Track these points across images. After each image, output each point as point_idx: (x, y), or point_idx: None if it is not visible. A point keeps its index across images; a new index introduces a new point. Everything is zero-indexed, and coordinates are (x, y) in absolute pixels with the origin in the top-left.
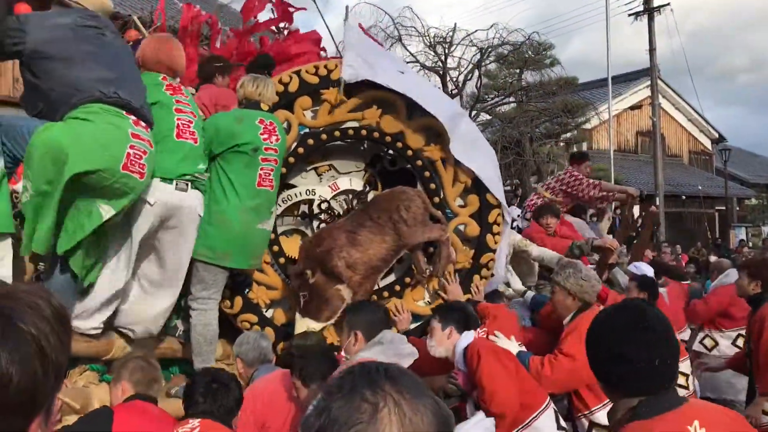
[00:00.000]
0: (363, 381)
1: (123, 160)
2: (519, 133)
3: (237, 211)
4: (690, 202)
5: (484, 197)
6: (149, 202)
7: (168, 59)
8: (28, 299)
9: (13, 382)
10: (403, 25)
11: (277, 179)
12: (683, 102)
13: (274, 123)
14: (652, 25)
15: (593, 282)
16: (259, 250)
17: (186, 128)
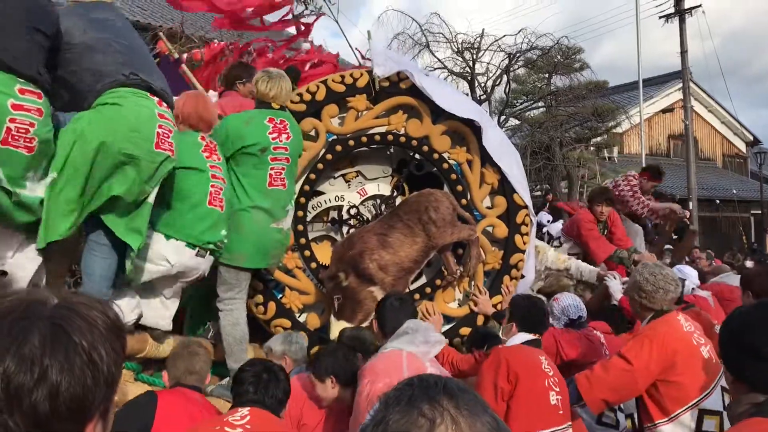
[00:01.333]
0: (421, 394)
1: (155, 139)
2: (548, 137)
3: (249, 212)
4: (724, 206)
5: (511, 198)
6: (170, 262)
7: (208, 115)
8: (82, 310)
9: (61, 391)
10: (431, 31)
11: (291, 178)
12: (716, 104)
13: (286, 120)
14: (684, 27)
15: (668, 289)
16: (275, 249)
17: (217, 195)
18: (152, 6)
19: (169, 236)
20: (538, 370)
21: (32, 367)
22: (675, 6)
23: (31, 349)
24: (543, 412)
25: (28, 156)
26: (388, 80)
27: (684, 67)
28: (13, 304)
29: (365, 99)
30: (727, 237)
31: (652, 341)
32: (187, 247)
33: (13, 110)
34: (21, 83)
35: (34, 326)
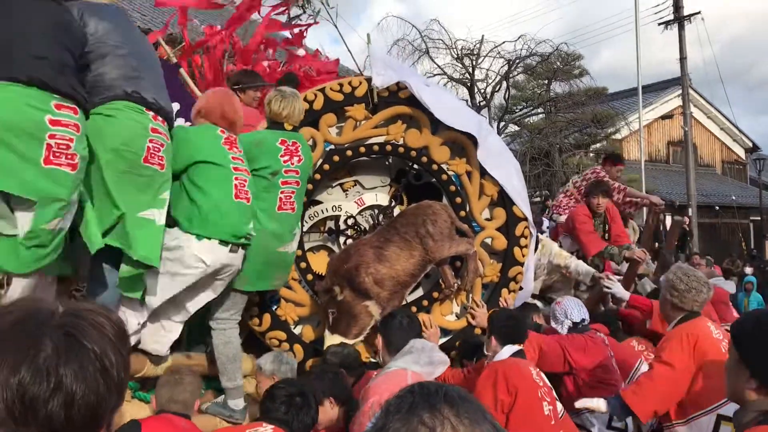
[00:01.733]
0: (422, 402)
1: (143, 153)
2: (548, 144)
3: (257, 237)
4: (724, 213)
5: (511, 210)
6: (206, 263)
7: (233, 114)
8: (91, 318)
9: (77, 399)
10: (431, 37)
11: (300, 201)
12: (715, 111)
13: (298, 143)
14: (683, 33)
15: (700, 290)
16: (279, 272)
17: (242, 188)
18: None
19: (201, 236)
20: (531, 381)
21: (48, 376)
22: (674, 13)
23: (46, 359)
24: (539, 423)
25: (72, 174)
26: (387, 90)
27: (683, 73)
28: (21, 314)
29: (364, 108)
30: (727, 243)
31: (687, 340)
32: (221, 245)
33: (51, 126)
34: (56, 99)
35: (46, 335)
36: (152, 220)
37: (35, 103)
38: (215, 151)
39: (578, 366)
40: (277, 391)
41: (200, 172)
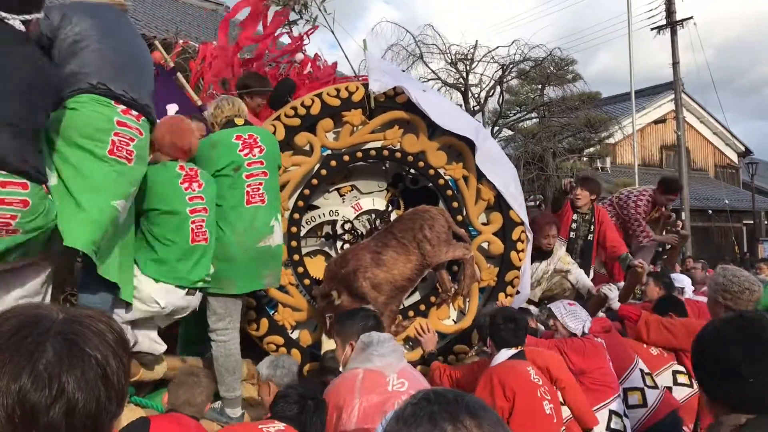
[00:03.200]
0: (443, 412)
1: (108, 146)
2: (542, 148)
3: (231, 236)
4: (716, 217)
5: (508, 215)
6: (161, 305)
7: (182, 141)
8: (92, 324)
9: (79, 407)
10: (425, 42)
11: (273, 192)
12: (708, 115)
13: (254, 134)
14: (675, 38)
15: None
16: (267, 267)
17: (199, 230)
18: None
19: (158, 279)
20: (529, 382)
21: (49, 384)
22: (666, 18)
23: (47, 366)
24: (540, 423)
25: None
26: (384, 95)
27: (676, 78)
28: (21, 320)
29: (360, 113)
30: (720, 247)
31: None
32: (177, 288)
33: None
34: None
35: (47, 342)
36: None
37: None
38: (173, 196)
39: (577, 369)
40: (290, 391)
41: (157, 221)
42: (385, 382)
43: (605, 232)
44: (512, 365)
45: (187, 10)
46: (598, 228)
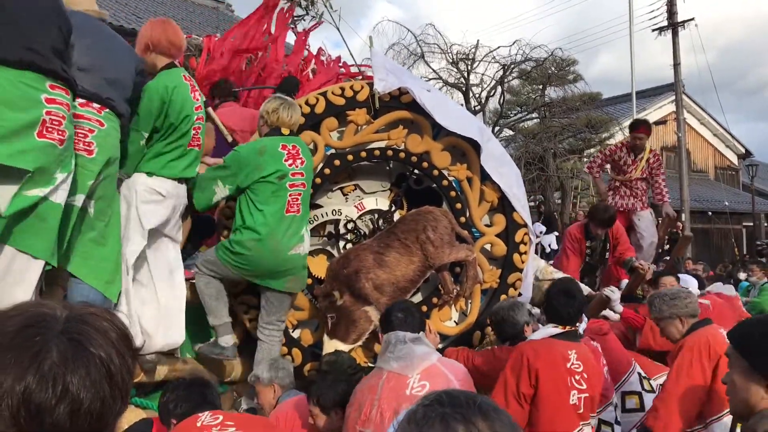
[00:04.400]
0: (454, 413)
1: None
2: (542, 148)
3: (266, 240)
4: (716, 218)
5: (511, 217)
6: (161, 193)
7: (178, 40)
8: (95, 322)
9: (83, 406)
10: (426, 42)
11: (306, 203)
12: (709, 117)
13: (297, 146)
14: (677, 40)
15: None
16: (292, 273)
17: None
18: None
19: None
20: (560, 368)
21: (54, 384)
22: (668, 19)
23: (51, 366)
24: (562, 412)
25: (60, 149)
26: (389, 94)
27: (677, 79)
28: (25, 319)
29: (365, 113)
30: (719, 249)
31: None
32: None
33: (47, 104)
34: (51, 80)
35: (51, 341)
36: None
37: (31, 83)
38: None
39: None
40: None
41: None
42: (405, 384)
43: (617, 247)
44: (549, 345)
45: (188, 8)
46: (613, 244)
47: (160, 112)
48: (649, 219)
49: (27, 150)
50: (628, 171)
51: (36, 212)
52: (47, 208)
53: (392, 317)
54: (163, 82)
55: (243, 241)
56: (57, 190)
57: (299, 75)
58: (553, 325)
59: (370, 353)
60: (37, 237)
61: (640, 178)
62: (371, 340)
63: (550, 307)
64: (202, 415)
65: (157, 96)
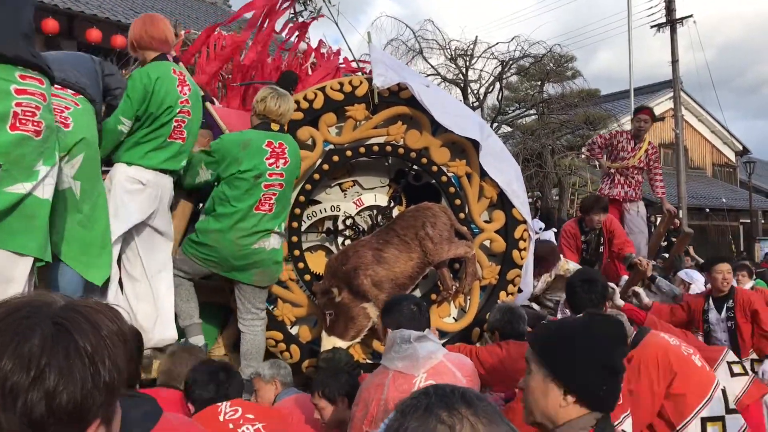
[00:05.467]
0: (439, 402)
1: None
2: (540, 145)
3: (228, 232)
4: (714, 215)
5: (510, 213)
6: (141, 182)
7: (158, 33)
8: (90, 314)
9: (58, 393)
10: (425, 38)
11: (282, 203)
12: (706, 114)
13: (285, 144)
14: (675, 36)
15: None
16: (258, 267)
17: (179, 129)
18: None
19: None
20: None
21: (29, 366)
22: (666, 16)
23: (30, 349)
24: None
25: (37, 140)
26: (388, 90)
27: (675, 76)
28: (19, 302)
29: (364, 108)
30: (717, 245)
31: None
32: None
33: (17, 95)
34: (20, 70)
35: (37, 326)
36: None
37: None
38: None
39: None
40: (197, 375)
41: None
42: (412, 384)
43: (612, 240)
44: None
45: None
46: (607, 237)
47: (143, 100)
48: (641, 212)
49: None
50: (625, 158)
51: (22, 209)
52: (34, 205)
53: (404, 310)
54: (147, 72)
55: (206, 230)
56: (42, 185)
57: (299, 69)
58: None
59: (368, 350)
60: (26, 235)
61: (636, 166)
62: (369, 337)
63: (573, 296)
64: (222, 406)
65: (141, 84)
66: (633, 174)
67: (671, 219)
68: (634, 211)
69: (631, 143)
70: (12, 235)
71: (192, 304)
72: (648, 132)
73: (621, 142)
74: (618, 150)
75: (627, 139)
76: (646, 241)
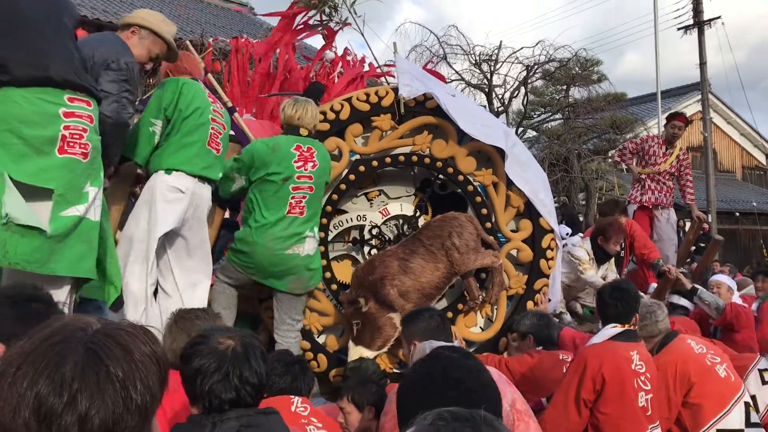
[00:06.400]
0: (464, 428)
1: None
2: (566, 149)
3: (263, 237)
4: (744, 219)
5: (537, 222)
6: (181, 190)
7: (189, 66)
8: (121, 338)
9: (90, 417)
10: (449, 43)
11: (314, 206)
12: (735, 116)
13: (313, 148)
14: (703, 38)
15: (655, 318)
16: (293, 273)
17: (215, 138)
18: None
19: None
20: (626, 370)
21: (62, 391)
22: (693, 18)
23: (64, 374)
24: (631, 415)
25: (85, 163)
26: (414, 100)
27: (703, 78)
28: (55, 327)
29: (390, 119)
30: (747, 250)
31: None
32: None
33: (65, 118)
34: (69, 93)
35: (70, 351)
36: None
37: (48, 98)
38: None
39: None
40: (275, 364)
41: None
42: None
43: (633, 243)
44: (612, 348)
45: (212, 11)
46: (629, 242)
47: (171, 100)
48: (672, 219)
49: (49, 168)
50: (657, 163)
51: (78, 232)
52: (87, 227)
53: (431, 321)
54: (175, 78)
55: (244, 239)
56: (92, 207)
57: (326, 78)
58: (612, 326)
59: (395, 359)
60: (85, 260)
61: (668, 171)
62: (396, 347)
63: (604, 306)
64: (294, 400)
65: (170, 87)
66: (665, 180)
67: (700, 226)
68: (664, 219)
69: (662, 148)
70: (80, 260)
71: (228, 312)
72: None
73: (652, 147)
74: (649, 155)
75: (658, 144)
76: (675, 249)
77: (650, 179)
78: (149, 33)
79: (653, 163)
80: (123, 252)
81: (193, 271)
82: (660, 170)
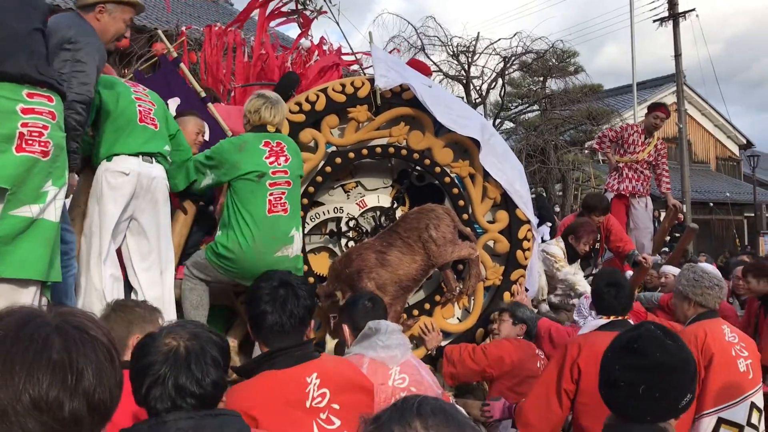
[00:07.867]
0: (395, 415)
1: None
2: (543, 141)
3: (250, 243)
4: (718, 209)
5: (514, 213)
6: (125, 172)
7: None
8: (83, 316)
9: (96, 391)
10: (426, 35)
11: (294, 202)
12: (710, 108)
13: (282, 143)
14: (678, 31)
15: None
16: None
17: (146, 114)
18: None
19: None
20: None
21: (64, 370)
22: (669, 10)
23: (60, 353)
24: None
25: (45, 161)
26: (390, 91)
27: (678, 70)
28: (18, 318)
29: (366, 110)
30: (721, 239)
31: (694, 341)
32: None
33: (23, 114)
34: (28, 88)
35: (51, 334)
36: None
37: (5, 94)
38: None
39: None
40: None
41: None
42: (388, 375)
43: (609, 237)
44: (593, 339)
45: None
46: (605, 235)
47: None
48: (649, 207)
49: (4, 166)
50: (635, 152)
51: (33, 233)
52: (44, 228)
53: (360, 305)
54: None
55: (227, 245)
56: (49, 207)
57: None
58: (600, 317)
59: None
60: (41, 261)
61: (646, 161)
62: None
63: (597, 299)
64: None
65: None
66: (642, 168)
67: (676, 214)
68: (641, 207)
69: (641, 137)
70: (37, 261)
71: (200, 311)
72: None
73: (632, 136)
74: (628, 144)
75: (638, 133)
76: (651, 237)
77: (628, 168)
78: (115, 5)
79: (632, 151)
80: (84, 250)
81: (152, 256)
82: (638, 159)
